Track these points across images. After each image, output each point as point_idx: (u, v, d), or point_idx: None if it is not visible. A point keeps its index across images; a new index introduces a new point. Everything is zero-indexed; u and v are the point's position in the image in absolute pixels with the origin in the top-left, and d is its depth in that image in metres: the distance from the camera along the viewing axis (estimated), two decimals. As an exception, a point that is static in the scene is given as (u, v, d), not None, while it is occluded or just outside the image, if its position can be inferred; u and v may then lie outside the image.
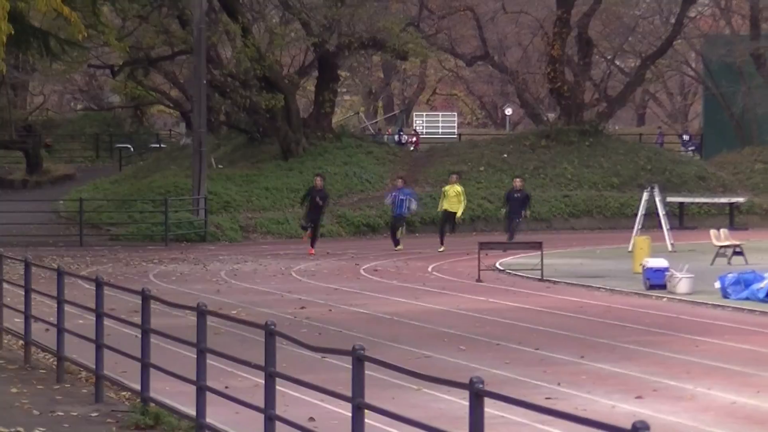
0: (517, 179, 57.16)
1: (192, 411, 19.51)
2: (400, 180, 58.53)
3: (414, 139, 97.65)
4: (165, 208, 66.93)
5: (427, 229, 60.61)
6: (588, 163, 77.56)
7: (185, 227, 65.97)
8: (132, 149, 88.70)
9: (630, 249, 49.39)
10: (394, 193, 55.29)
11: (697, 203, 69.64)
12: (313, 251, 51.74)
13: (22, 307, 28.18)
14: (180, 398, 20.50)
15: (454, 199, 53.20)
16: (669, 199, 61.36)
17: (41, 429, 21.30)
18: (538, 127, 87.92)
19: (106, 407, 22.91)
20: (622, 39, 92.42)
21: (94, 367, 23.99)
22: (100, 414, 22.44)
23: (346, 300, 40.24)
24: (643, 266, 43.70)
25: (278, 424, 16.99)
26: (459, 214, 53.68)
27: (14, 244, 38.73)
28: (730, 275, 41.47)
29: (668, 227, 57.38)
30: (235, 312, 24.71)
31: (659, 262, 43.48)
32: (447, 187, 54.41)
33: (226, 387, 19.11)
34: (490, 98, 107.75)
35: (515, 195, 53.91)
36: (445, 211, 53.75)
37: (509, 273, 48.05)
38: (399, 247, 54.23)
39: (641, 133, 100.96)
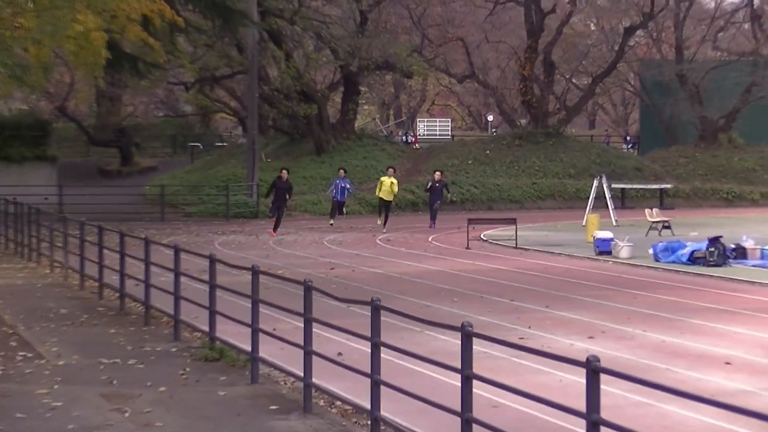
0: (437, 172, 56.43)
1: (248, 347, 19.69)
2: (341, 170, 57.68)
3: (413, 138, 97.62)
4: (226, 191, 66.92)
5: (419, 210, 60.82)
6: (551, 158, 77.39)
7: (241, 207, 65.85)
8: (201, 147, 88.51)
9: (584, 224, 49.34)
10: (336, 181, 54.47)
11: (635, 188, 69.45)
12: (274, 234, 49.98)
13: (118, 268, 28.33)
14: (238, 338, 20.61)
15: (388, 189, 52.00)
16: (614, 185, 61.16)
17: (134, 360, 21.46)
18: (513, 130, 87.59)
19: (183, 344, 23.07)
20: (578, 62, 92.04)
21: (173, 313, 24.16)
22: (178, 349, 22.61)
23: (365, 263, 40.27)
24: (594, 237, 43.81)
25: (314, 357, 17.19)
26: (393, 200, 53.02)
27: (111, 220, 38.77)
28: (660, 244, 41.53)
29: (613, 207, 57.30)
30: (280, 272, 24.84)
31: (606, 234, 43.59)
32: (384, 178, 53.01)
33: (274, 329, 19.22)
34: (476, 108, 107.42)
35: (436, 185, 53.20)
36: (381, 199, 52.33)
37: (491, 242, 47.98)
38: (331, 222, 53.91)
39: (592, 135, 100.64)
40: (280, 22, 76.54)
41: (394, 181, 52.56)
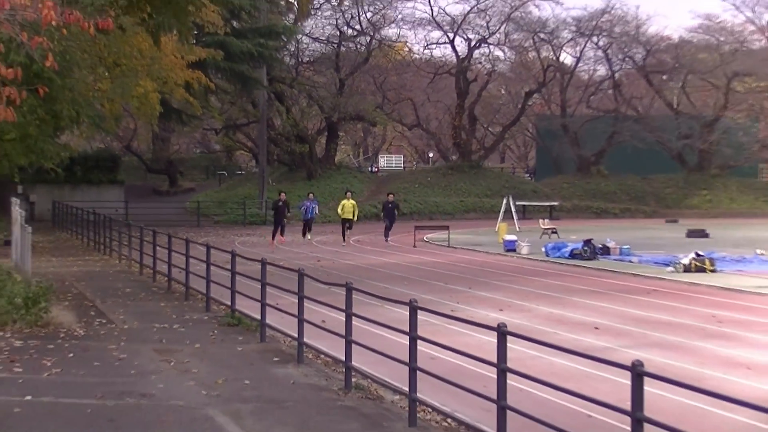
0: (390, 194, 51.89)
1: (258, 316, 19.63)
2: (310, 194, 52.39)
3: (376, 169, 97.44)
4: (243, 206, 66.82)
5: (380, 219, 60.68)
6: (473, 183, 77.35)
7: (254, 216, 65.58)
8: (226, 174, 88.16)
9: (496, 230, 49.20)
10: (306, 203, 48.95)
11: (532, 205, 69.44)
12: (283, 240, 46.17)
13: (166, 259, 28.24)
14: (252, 309, 20.52)
15: (350, 209, 47.72)
16: (517, 202, 61.13)
17: (177, 325, 21.37)
18: (446, 163, 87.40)
19: (212, 314, 22.96)
20: (492, 116, 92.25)
21: (205, 292, 24.06)
22: (209, 318, 22.51)
23: (342, 257, 40.15)
24: (503, 239, 43.86)
25: (305, 324, 17.14)
26: (354, 219, 48.37)
27: (161, 225, 38.62)
28: (550, 244, 41.64)
29: (517, 218, 57.33)
30: (281, 263, 24.81)
31: (512, 237, 43.54)
32: (344, 201, 48.34)
33: (277, 303, 19.13)
34: (420, 147, 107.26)
35: (389, 205, 48.72)
36: (344, 218, 47.82)
37: (431, 243, 47.92)
38: (308, 237, 48.16)
39: (502, 167, 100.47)
40: (282, 86, 76.63)
41: (354, 202, 49.12)
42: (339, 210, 48.54)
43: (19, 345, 18.01)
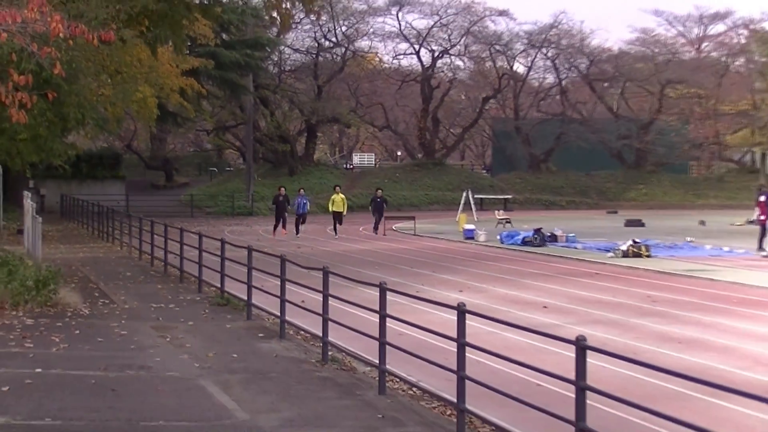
0: (379, 190, 49.95)
1: (245, 297, 19.61)
2: (301, 189, 49.57)
3: (351, 166, 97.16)
4: (232, 199, 66.80)
5: (359, 213, 60.56)
6: (437, 178, 77.37)
7: (242, 208, 65.49)
8: (216, 170, 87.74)
9: (457, 220, 49.11)
10: (298, 199, 46.03)
11: (489, 198, 69.51)
12: (285, 232, 44.07)
13: (163, 246, 28.19)
14: (239, 291, 20.49)
15: (340, 203, 45.12)
16: (476, 196, 61.17)
17: (172, 305, 21.31)
18: (413, 160, 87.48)
19: (204, 295, 22.90)
20: (453, 118, 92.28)
21: (197, 275, 24.03)
22: (201, 298, 22.45)
23: (320, 245, 40.15)
24: (463, 228, 43.94)
25: (287, 304, 17.12)
26: (344, 212, 45.64)
27: (159, 216, 38.47)
28: (504, 232, 41.66)
29: (475, 210, 57.44)
30: (265, 249, 24.79)
31: (470, 226, 43.60)
32: (335, 196, 45.78)
33: (262, 285, 19.13)
34: (390, 146, 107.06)
35: (378, 200, 46.47)
36: (334, 211, 45.01)
37: (399, 231, 47.93)
38: (297, 234, 43.91)
39: (462, 164, 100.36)
40: (267, 92, 76.51)
41: (343, 197, 46.72)
42: (329, 205, 46.17)
43: (30, 323, 17.96)
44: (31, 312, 19.10)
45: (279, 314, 17.61)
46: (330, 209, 45.62)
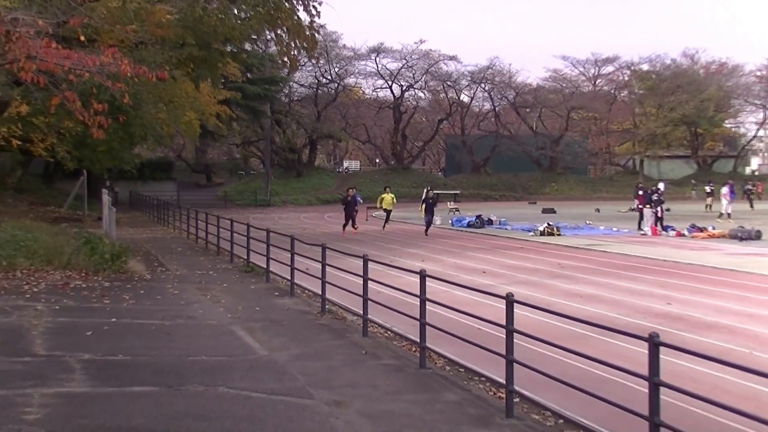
0: (431, 191, 40.61)
1: (264, 266, 19.57)
2: (353, 188, 38.92)
3: (343, 170, 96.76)
4: (255, 194, 66.66)
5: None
6: (405, 179, 77.13)
7: (262, 201, 65.41)
8: (243, 173, 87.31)
9: (419, 210, 48.99)
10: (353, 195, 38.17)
11: (443, 193, 69.40)
12: (354, 231, 35.06)
13: (204, 229, 28.10)
14: (260, 261, 20.39)
15: (389, 201, 38.45)
16: (434, 191, 61.15)
17: (212, 272, 21.20)
18: (387, 165, 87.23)
19: (234, 265, 22.82)
20: (417, 134, 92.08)
21: (230, 250, 23.96)
22: (232, 267, 22.37)
23: (320, 227, 40.11)
24: (423, 215, 43.79)
25: (296, 271, 17.09)
26: (392, 210, 39.01)
27: (201, 207, 38.38)
28: (454, 218, 41.70)
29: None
30: (279, 230, 24.77)
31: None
32: (384, 195, 39.04)
33: (277, 257, 19.11)
34: (371, 155, 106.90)
35: (429, 201, 36.81)
36: (384, 209, 38.44)
37: (377, 218, 47.84)
38: (344, 231, 36.12)
39: (424, 168, 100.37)
40: (280, 116, 76.33)
41: (393, 195, 39.77)
42: (378, 203, 39.87)
43: (107, 285, 17.87)
44: (108, 277, 19.02)
45: (289, 278, 17.58)
46: (379, 206, 39.77)
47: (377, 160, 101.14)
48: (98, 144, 33.42)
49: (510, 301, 8.79)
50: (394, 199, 39.80)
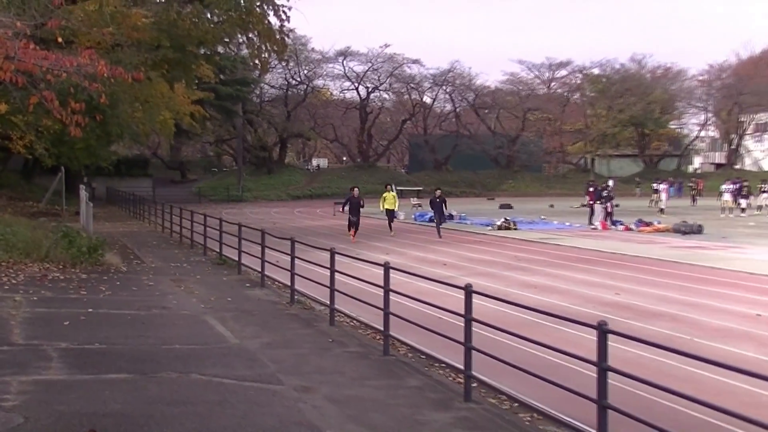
0: (438, 190, 34.17)
1: (236, 258, 19.47)
2: (356, 188, 32.38)
3: (311, 167, 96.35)
4: (228, 190, 66.33)
5: (313, 198, 60.31)
6: (371, 175, 76.78)
7: (235, 197, 65.14)
8: (217, 170, 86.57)
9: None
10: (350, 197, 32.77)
11: (407, 189, 69.30)
12: (355, 238, 29.43)
13: (178, 223, 27.90)
14: (232, 254, 20.31)
15: (392, 200, 33.09)
16: (398, 188, 60.74)
17: (186, 264, 21.09)
18: (354, 163, 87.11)
19: (207, 257, 22.71)
20: (382, 134, 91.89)
21: (203, 243, 23.82)
22: (205, 260, 22.27)
23: (288, 222, 39.95)
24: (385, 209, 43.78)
25: (267, 264, 17.02)
26: (395, 209, 33.80)
27: (176, 203, 38.18)
28: (417, 213, 41.77)
29: (397, 197, 57.26)
30: (251, 225, 24.64)
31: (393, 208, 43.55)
32: (386, 194, 33.71)
33: (248, 250, 19.03)
34: (338, 153, 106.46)
35: (437, 200, 32.49)
36: (387, 209, 32.94)
37: (345, 213, 47.74)
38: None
39: (388, 165, 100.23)
40: (252, 115, 76.10)
41: (395, 194, 34.31)
42: (381, 203, 34.35)
43: (84, 277, 17.69)
44: (85, 269, 18.82)
45: (260, 270, 17.53)
46: (381, 207, 34.10)
47: (344, 158, 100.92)
48: (76, 141, 33.06)
49: (468, 291, 8.82)
50: (397, 198, 34.28)
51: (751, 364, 9.82)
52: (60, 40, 16.29)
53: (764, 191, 46.19)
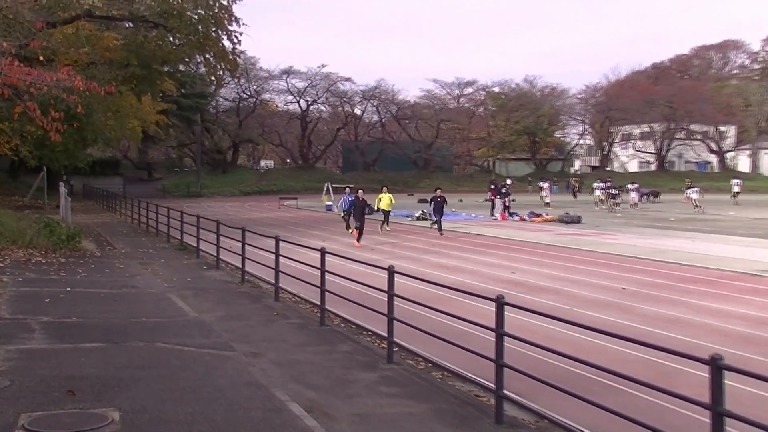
0: (438, 189, 30.40)
1: (195, 245, 19.13)
2: (348, 189, 29.20)
3: (260, 168, 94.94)
4: (188, 187, 65.01)
5: (262, 194, 59.41)
6: (311, 175, 75.77)
7: (194, 193, 63.92)
8: (179, 170, 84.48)
9: (321, 199, 47.65)
10: (344, 197, 28.22)
11: (340, 186, 68.57)
12: (355, 233, 24.22)
13: (145, 215, 27.31)
14: (192, 241, 19.89)
15: (387, 201, 29.00)
16: (332, 185, 60.61)
17: (152, 250, 20.69)
18: (296, 164, 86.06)
19: (170, 244, 22.26)
20: (320, 140, 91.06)
21: (166, 232, 23.33)
22: (169, 246, 21.83)
23: (242, 215, 39.38)
24: (325, 204, 43.56)
25: (221, 250, 16.79)
26: (390, 210, 29.27)
27: (143, 197, 37.28)
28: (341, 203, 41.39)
29: (332, 193, 56.51)
30: (208, 217, 24.28)
31: (329, 203, 43.27)
32: (382, 195, 29.72)
33: (206, 237, 18.75)
34: (283, 156, 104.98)
35: (437, 199, 28.90)
36: (382, 210, 28.93)
37: (288, 206, 47.35)
38: (349, 230, 26.10)
39: (325, 166, 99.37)
40: (209, 124, 74.76)
41: (391, 195, 30.06)
42: (377, 203, 30.05)
43: (63, 261, 17.21)
44: (64, 254, 18.31)
45: (216, 255, 17.28)
46: (376, 207, 30.19)
47: (288, 160, 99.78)
48: (56, 145, 32.03)
49: (391, 271, 8.88)
50: (393, 199, 30.25)
51: (618, 328, 10.12)
52: (41, 58, 15.81)
53: (631, 190, 47.45)
